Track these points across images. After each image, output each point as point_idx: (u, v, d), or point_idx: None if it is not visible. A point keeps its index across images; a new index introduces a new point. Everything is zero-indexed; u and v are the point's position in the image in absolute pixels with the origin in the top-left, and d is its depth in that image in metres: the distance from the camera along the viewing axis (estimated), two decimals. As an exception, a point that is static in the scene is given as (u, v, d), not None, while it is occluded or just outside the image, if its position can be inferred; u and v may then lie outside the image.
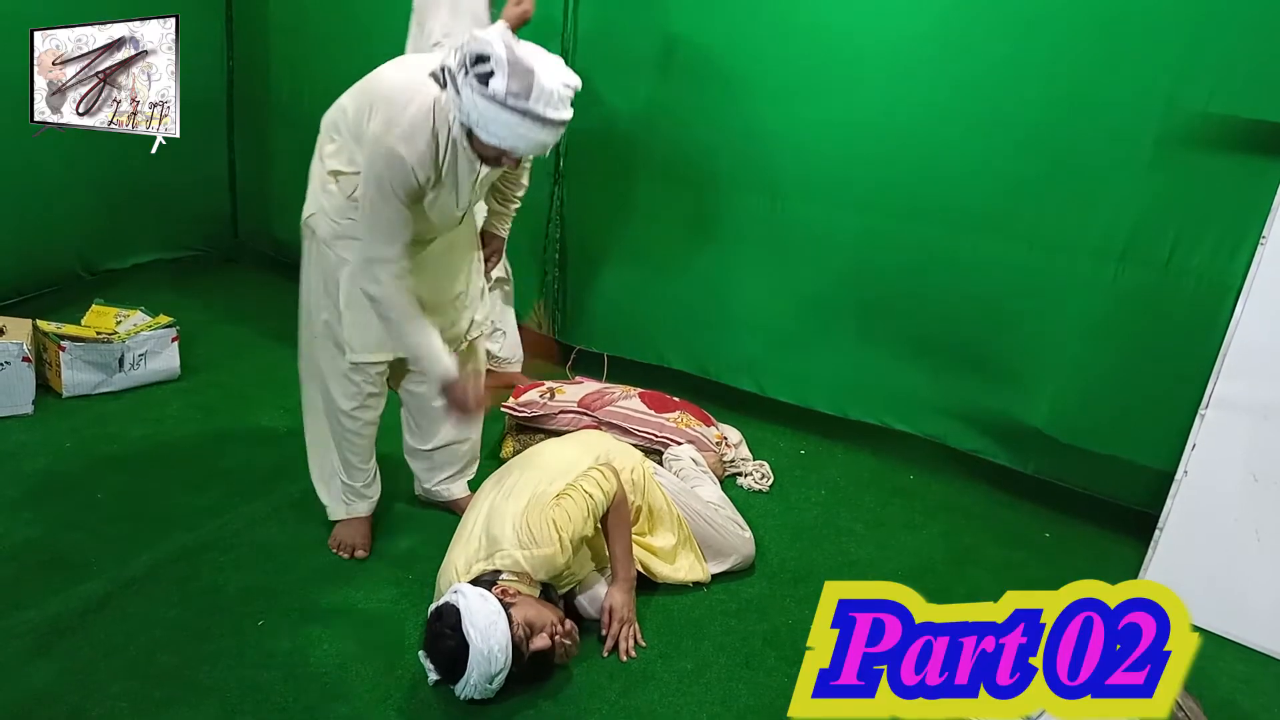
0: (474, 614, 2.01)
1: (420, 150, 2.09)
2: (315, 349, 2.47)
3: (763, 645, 2.38)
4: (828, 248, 3.25)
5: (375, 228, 2.16)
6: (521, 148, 2.05)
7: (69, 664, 2.10)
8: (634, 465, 2.53)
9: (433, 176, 2.14)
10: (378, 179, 2.11)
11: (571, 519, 2.21)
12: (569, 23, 3.48)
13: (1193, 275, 2.71)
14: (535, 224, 3.72)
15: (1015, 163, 2.89)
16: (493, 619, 2.01)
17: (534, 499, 2.25)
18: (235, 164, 4.63)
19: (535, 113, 1.97)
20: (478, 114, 1.99)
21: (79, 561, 2.44)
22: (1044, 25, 2.76)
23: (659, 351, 3.70)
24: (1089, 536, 3.02)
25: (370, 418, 2.54)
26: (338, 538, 2.60)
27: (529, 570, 2.16)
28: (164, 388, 3.42)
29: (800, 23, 3.10)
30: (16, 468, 2.83)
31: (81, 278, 4.07)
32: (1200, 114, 2.61)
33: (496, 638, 1.99)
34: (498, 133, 2.00)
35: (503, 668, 2.01)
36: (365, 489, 2.61)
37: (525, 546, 2.16)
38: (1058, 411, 3.01)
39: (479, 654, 1.98)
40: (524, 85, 1.95)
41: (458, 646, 1.98)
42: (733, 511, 2.73)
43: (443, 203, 2.23)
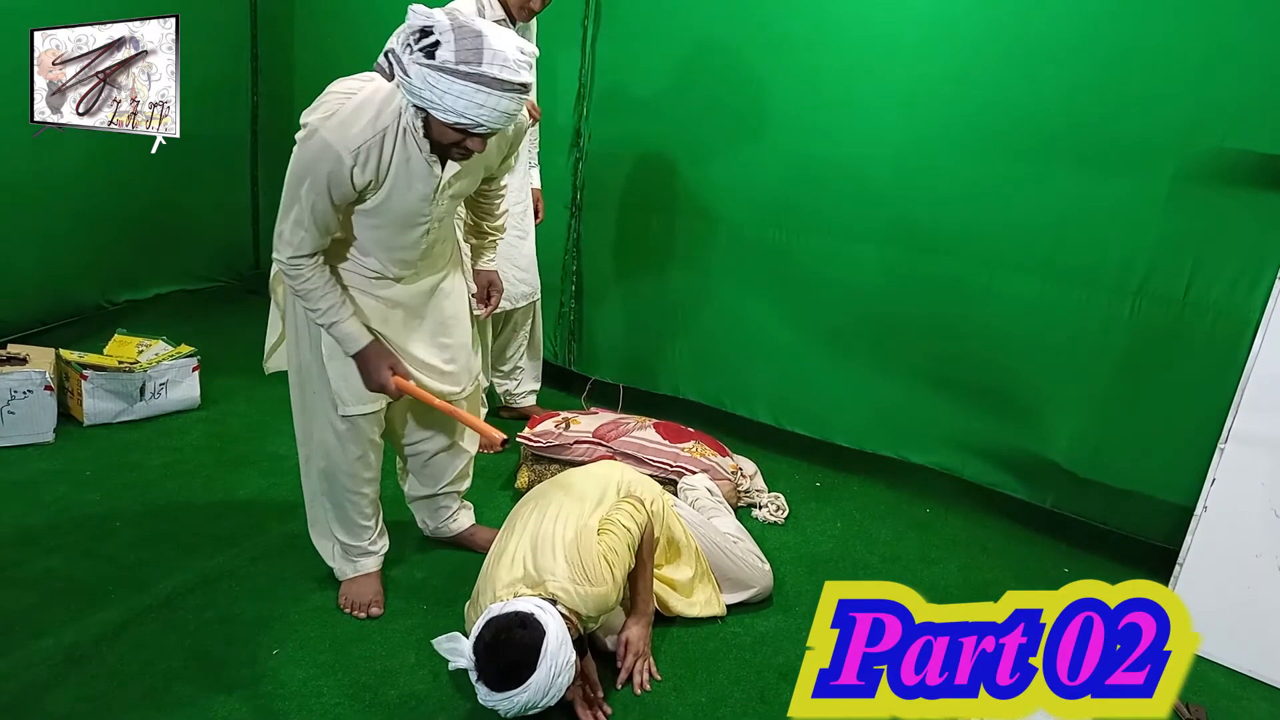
0: (555, 639, 1.94)
1: (355, 145, 1.96)
2: (308, 408, 2.38)
3: (778, 679, 2.36)
4: (844, 281, 3.26)
5: (299, 213, 2.03)
6: (484, 119, 1.88)
7: (85, 692, 2.11)
8: (654, 497, 2.52)
9: (373, 179, 2.02)
10: (307, 166, 2.00)
11: (619, 554, 2.17)
12: (586, 57, 3.53)
13: (1211, 309, 2.70)
14: (553, 256, 3.75)
15: (1031, 197, 2.90)
16: (570, 655, 1.97)
17: (581, 531, 2.19)
18: (258, 197, 4.70)
19: (490, 76, 1.82)
20: (429, 90, 1.84)
21: (97, 590, 2.45)
22: (1060, 61, 2.78)
23: (674, 383, 3.71)
24: (1108, 572, 2.94)
25: (369, 475, 2.44)
26: (348, 597, 2.48)
27: (581, 607, 2.08)
28: (184, 417, 3.45)
29: (816, 59, 3.14)
30: (37, 496, 2.86)
31: (104, 308, 4.12)
32: (1216, 149, 2.62)
33: (566, 661, 1.95)
34: (454, 106, 1.85)
35: (559, 692, 1.96)
36: (371, 545, 2.52)
37: (579, 583, 2.08)
38: (1076, 445, 2.99)
39: (543, 678, 1.91)
40: (473, 49, 1.80)
41: (527, 660, 1.91)
42: (751, 543, 2.72)
43: (396, 208, 2.10)
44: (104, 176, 3.86)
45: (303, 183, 2.02)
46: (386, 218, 2.13)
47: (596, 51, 3.52)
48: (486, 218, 2.53)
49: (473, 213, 2.55)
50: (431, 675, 2.25)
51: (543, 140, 3.50)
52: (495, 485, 3.17)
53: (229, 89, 4.44)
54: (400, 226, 2.17)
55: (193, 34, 4.09)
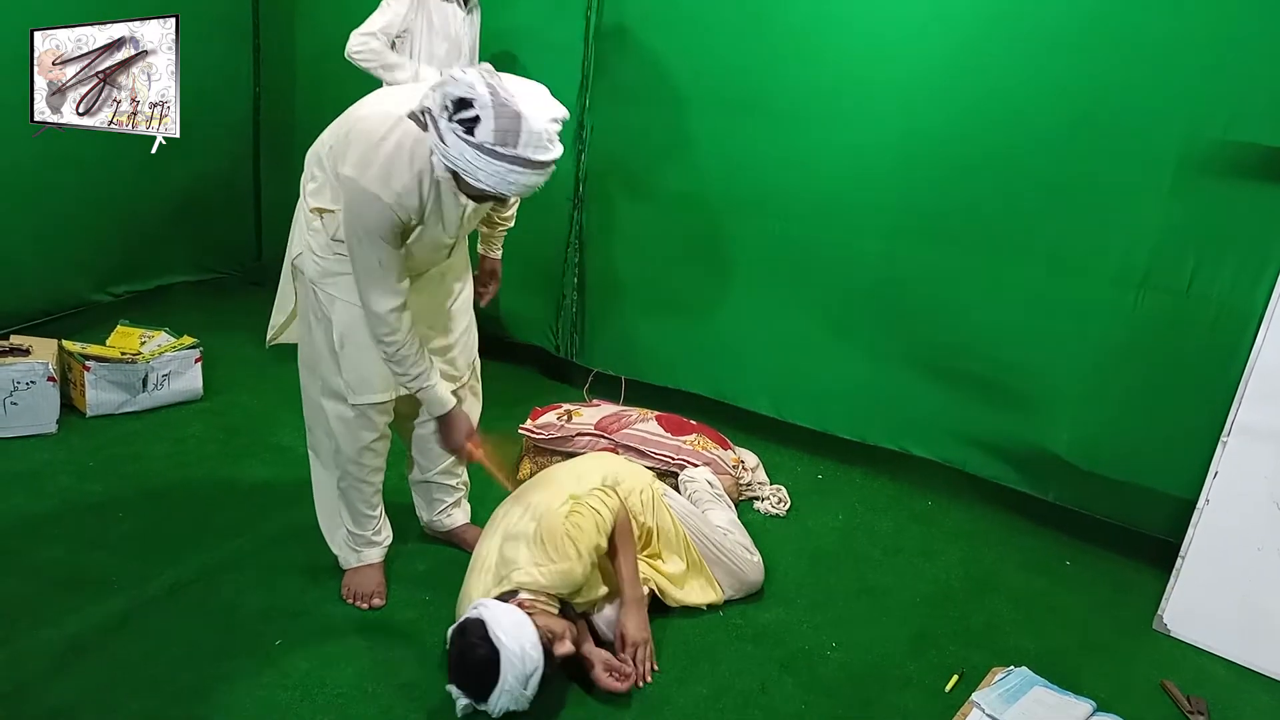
0: (500, 619, 2.01)
1: (397, 191, 2.02)
2: (317, 396, 2.40)
3: (779, 671, 2.37)
4: (846, 272, 3.26)
5: (370, 273, 2.10)
6: (510, 191, 1.95)
7: (89, 682, 2.11)
8: (643, 487, 2.54)
9: (415, 216, 2.09)
10: (360, 223, 2.05)
11: (584, 530, 2.21)
12: (589, 50, 3.52)
13: (1213, 301, 2.69)
14: (555, 247, 3.75)
15: (1034, 188, 2.89)
16: (519, 619, 2.03)
17: (545, 516, 2.25)
18: (260, 188, 4.70)
19: (524, 158, 1.87)
20: (464, 161, 1.89)
21: (100, 580, 2.46)
22: (1063, 51, 2.78)
23: (676, 375, 3.71)
24: (1110, 565, 2.99)
25: (377, 464, 2.46)
26: (350, 587, 2.50)
27: (547, 585, 2.16)
28: (187, 408, 3.45)
29: (818, 48, 3.13)
30: (40, 486, 2.86)
31: (106, 299, 4.12)
32: (1219, 140, 2.61)
33: (527, 635, 2.00)
34: (486, 180, 1.91)
35: (536, 666, 2.00)
36: (375, 535, 2.54)
37: (541, 563, 2.17)
38: (1078, 438, 2.99)
39: (511, 654, 1.97)
40: (512, 131, 1.85)
41: (489, 652, 1.97)
42: (742, 535, 2.72)
43: (428, 238, 2.18)
44: (106, 168, 3.85)
45: (363, 238, 2.07)
46: (416, 246, 2.20)
47: (599, 42, 3.51)
48: (499, 208, 2.56)
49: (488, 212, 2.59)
50: (434, 666, 2.25)
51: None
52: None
53: (230, 79, 4.43)
54: (428, 250, 2.25)
55: (194, 23, 4.09)
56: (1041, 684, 2.36)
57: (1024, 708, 2.26)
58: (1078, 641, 2.61)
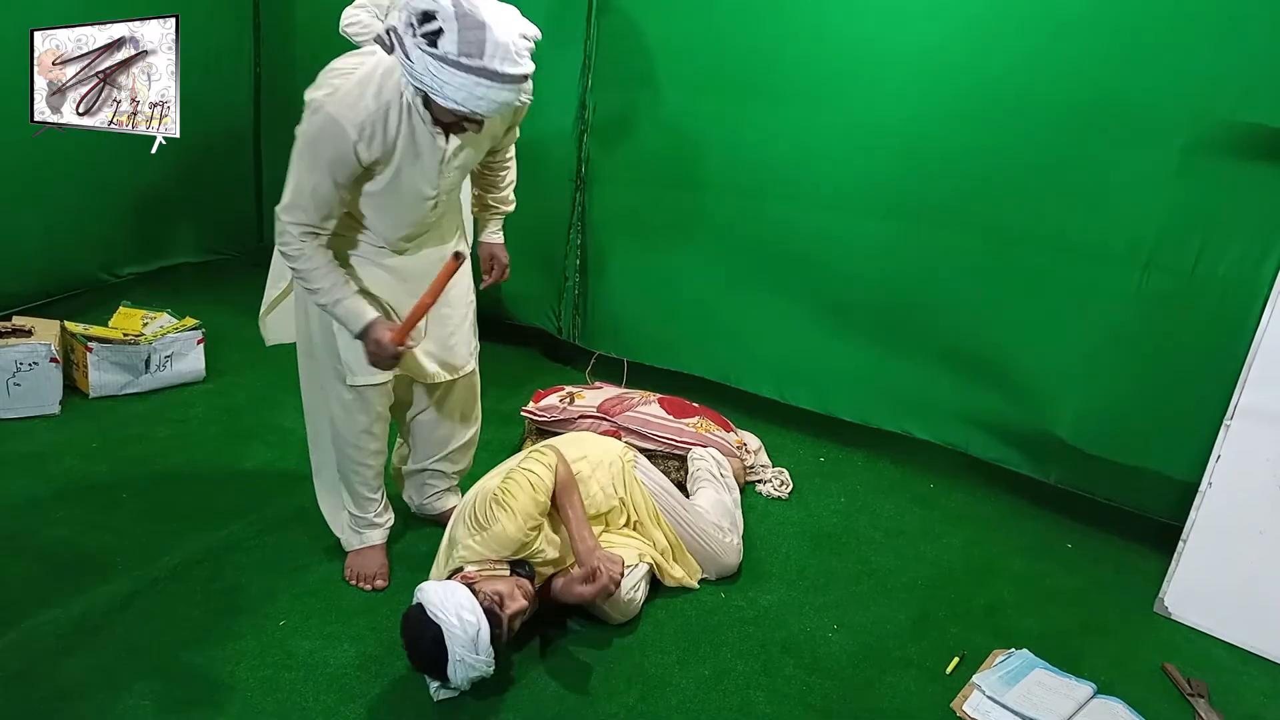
0: (430, 597, 2.06)
1: (361, 120, 1.97)
2: (316, 378, 2.40)
3: (781, 653, 2.38)
4: (849, 254, 3.24)
5: (298, 193, 2.05)
6: (481, 109, 1.89)
7: (94, 662, 2.13)
8: (612, 459, 2.56)
9: (381, 155, 2.04)
10: (310, 144, 2.01)
11: (515, 494, 2.23)
12: (592, 30, 3.50)
13: (1218, 283, 2.68)
14: (557, 230, 3.74)
15: (1040, 169, 2.88)
16: (450, 590, 2.07)
17: (480, 492, 2.30)
18: (261, 169, 4.68)
19: (490, 70, 1.82)
20: (430, 77, 1.84)
21: (104, 561, 2.47)
22: (1070, 31, 2.75)
23: (678, 357, 3.70)
24: (1112, 547, 2.99)
25: (375, 446, 2.45)
26: (353, 569, 2.50)
27: (485, 552, 2.21)
28: (189, 389, 3.45)
29: (823, 29, 3.11)
30: (43, 468, 2.87)
31: (109, 280, 4.12)
32: (1227, 121, 2.59)
33: (460, 602, 2.03)
34: (453, 95, 1.86)
35: (477, 629, 2.01)
36: (376, 518, 2.54)
37: (474, 533, 2.22)
38: (1081, 421, 2.99)
39: (451, 626, 2.00)
40: (476, 41, 1.80)
41: (433, 631, 2.01)
42: (720, 516, 2.69)
43: (407, 186, 2.12)
44: (108, 151, 3.84)
45: (304, 160, 2.04)
46: (394, 196, 2.14)
47: (601, 23, 3.49)
48: (492, 190, 2.54)
49: (478, 186, 2.56)
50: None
51: (549, 113, 3.48)
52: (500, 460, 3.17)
53: (231, 60, 4.41)
54: (409, 203, 2.18)
55: (195, 4, 4.09)
56: (1042, 666, 2.37)
57: (1025, 690, 2.27)
58: (1079, 624, 2.62)
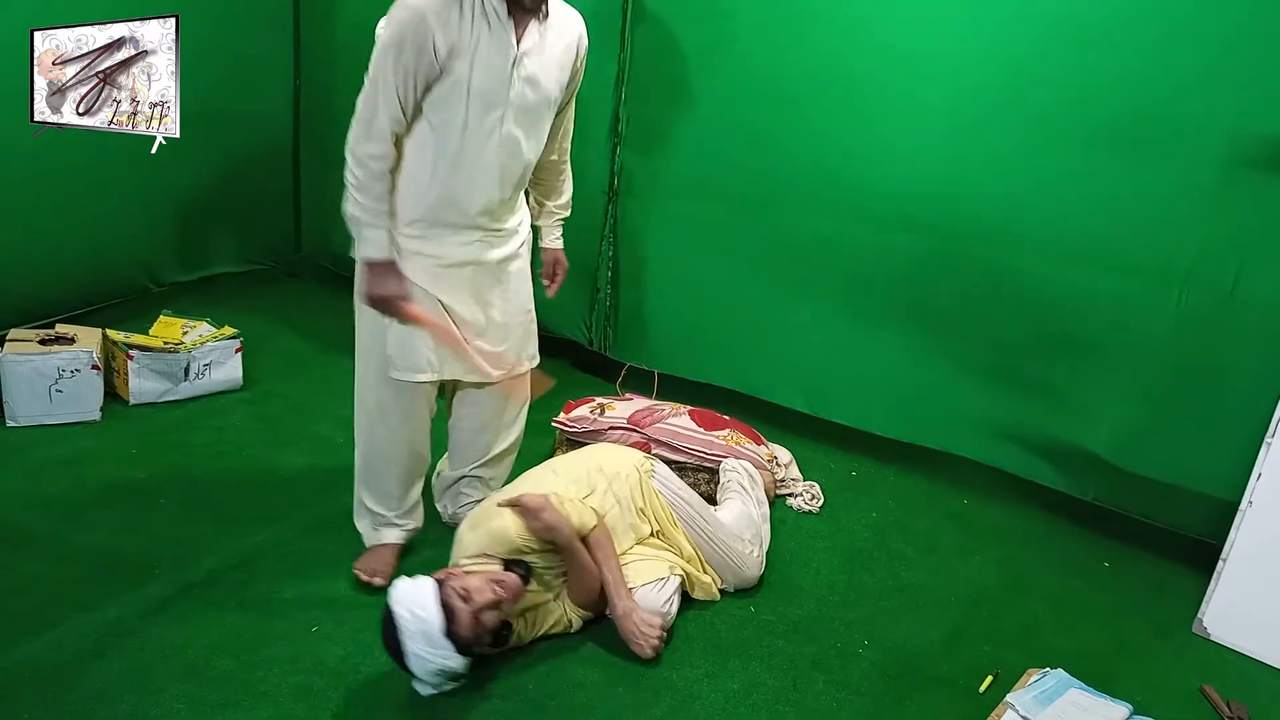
0: (395, 590, 2.08)
1: (438, 7, 2.07)
2: (365, 372, 2.46)
3: (811, 668, 2.36)
4: (883, 267, 3.23)
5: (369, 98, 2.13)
6: None
7: (128, 665, 2.15)
8: (628, 470, 2.56)
9: (455, 43, 2.10)
10: (395, 37, 2.08)
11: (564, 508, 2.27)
12: (626, 40, 3.51)
13: (1258, 300, 2.64)
14: (590, 241, 3.75)
15: (1077, 185, 2.85)
16: (415, 585, 2.08)
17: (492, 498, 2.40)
18: (300, 181, 4.75)
19: None
20: None
21: (141, 565, 2.50)
22: (1108, 47, 2.73)
23: (710, 369, 3.70)
24: (1149, 566, 2.94)
25: (403, 448, 2.50)
26: (362, 561, 2.55)
27: (480, 549, 2.24)
28: (227, 397, 3.50)
29: (859, 42, 3.10)
30: (83, 473, 2.91)
31: (150, 289, 4.18)
32: (1268, 136, 2.55)
33: (415, 599, 2.04)
34: None
35: (430, 623, 2.00)
36: (397, 518, 2.58)
37: (473, 528, 2.30)
38: (1119, 437, 2.94)
39: (403, 619, 2.01)
40: None
41: (390, 626, 2.04)
42: (743, 528, 2.66)
43: (478, 85, 2.16)
44: (150, 161, 3.87)
45: (387, 59, 2.10)
46: (463, 105, 2.17)
47: (635, 35, 3.50)
48: (553, 196, 2.64)
49: (537, 193, 2.63)
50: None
51: (582, 124, 3.48)
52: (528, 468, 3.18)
53: (270, 71, 4.47)
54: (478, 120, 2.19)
55: (235, 15, 4.15)
56: (1078, 686, 2.33)
57: (1059, 710, 2.23)
58: (1115, 643, 2.58)
